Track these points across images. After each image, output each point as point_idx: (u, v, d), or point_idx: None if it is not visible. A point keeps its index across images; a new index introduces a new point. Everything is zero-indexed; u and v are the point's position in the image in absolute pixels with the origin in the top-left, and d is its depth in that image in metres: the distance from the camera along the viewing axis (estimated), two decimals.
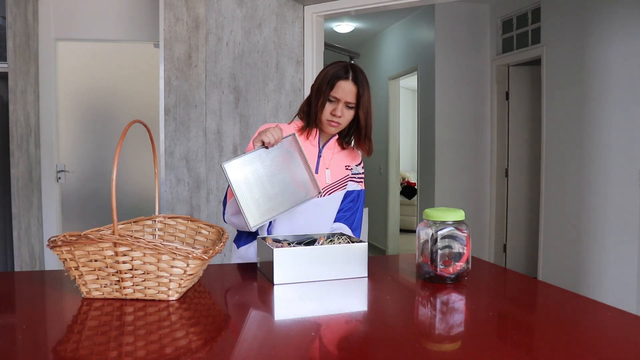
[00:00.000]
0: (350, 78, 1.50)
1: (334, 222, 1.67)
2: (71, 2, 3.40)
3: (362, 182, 1.72)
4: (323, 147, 1.62)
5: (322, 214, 1.62)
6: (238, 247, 1.66)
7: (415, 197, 6.15)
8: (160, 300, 1.09)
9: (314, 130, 1.59)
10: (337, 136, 1.63)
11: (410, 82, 6.90)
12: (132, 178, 3.50)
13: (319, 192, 1.47)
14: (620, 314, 1.01)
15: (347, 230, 1.65)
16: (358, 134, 1.59)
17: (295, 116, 1.65)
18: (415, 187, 5.62)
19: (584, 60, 3.58)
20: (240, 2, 3.11)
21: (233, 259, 1.66)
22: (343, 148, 1.65)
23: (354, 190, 1.69)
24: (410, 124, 7.99)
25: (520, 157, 4.64)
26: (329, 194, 1.61)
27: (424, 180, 5.03)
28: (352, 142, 1.66)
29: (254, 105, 3.12)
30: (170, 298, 1.09)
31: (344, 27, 5.74)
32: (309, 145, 1.61)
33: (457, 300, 1.14)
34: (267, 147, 1.42)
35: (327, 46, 3.54)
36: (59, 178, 3.44)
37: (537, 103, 4.33)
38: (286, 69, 3.12)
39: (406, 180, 7.76)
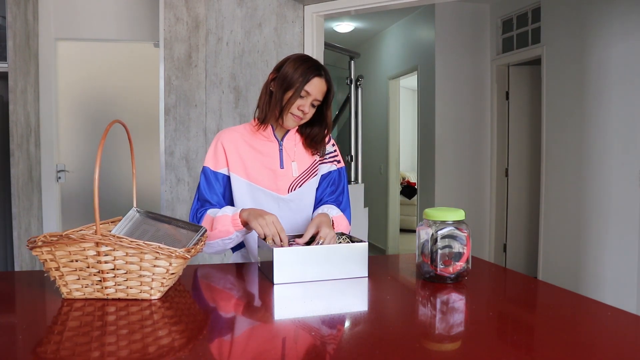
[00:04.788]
0: (324, 76, 1.48)
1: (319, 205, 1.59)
2: (71, 2, 3.40)
3: (335, 161, 1.63)
4: (282, 140, 1.55)
5: (294, 209, 1.54)
6: (233, 252, 1.65)
7: (415, 197, 6.15)
8: (142, 300, 1.09)
9: (267, 126, 1.52)
10: (296, 126, 1.55)
11: (410, 82, 6.90)
12: (130, 177, 3.50)
13: None
14: (620, 314, 1.01)
15: (335, 209, 1.55)
16: (323, 130, 1.55)
17: (256, 109, 1.55)
18: (415, 187, 5.62)
19: (584, 60, 3.58)
20: (240, 2, 3.11)
21: (232, 259, 1.66)
22: (310, 145, 1.57)
23: (330, 172, 1.61)
24: (410, 124, 7.99)
25: (520, 157, 4.64)
26: (299, 187, 1.54)
27: (424, 180, 5.02)
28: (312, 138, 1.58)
29: (254, 105, 3.11)
30: (153, 297, 1.09)
31: (344, 27, 5.74)
32: (266, 142, 1.54)
33: (457, 300, 1.14)
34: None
35: (327, 46, 3.53)
36: (59, 178, 3.44)
37: (537, 103, 4.33)
38: None
39: (406, 180, 7.76)
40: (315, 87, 1.46)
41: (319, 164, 1.60)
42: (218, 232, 1.42)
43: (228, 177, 1.53)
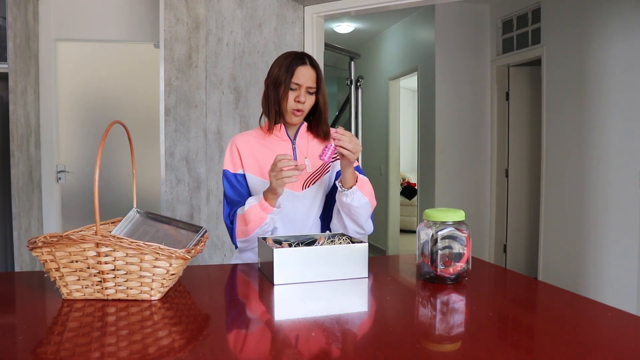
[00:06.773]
0: (308, 63, 1.51)
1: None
2: (71, 2, 3.40)
3: None
4: (295, 138, 1.58)
5: (307, 205, 1.57)
6: (236, 248, 1.66)
7: (415, 198, 6.15)
8: (142, 300, 1.09)
9: (279, 126, 1.56)
10: (305, 124, 1.60)
11: (410, 83, 6.89)
12: (130, 177, 3.50)
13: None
14: (620, 314, 1.01)
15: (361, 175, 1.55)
16: (318, 118, 1.58)
17: (261, 115, 1.61)
18: (415, 187, 5.62)
19: (584, 60, 3.58)
20: (240, 3, 3.11)
21: (233, 260, 1.66)
22: (316, 135, 1.61)
23: None
24: (410, 124, 7.99)
25: (520, 157, 4.64)
26: (312, 184, 1.57)
27: (424, 181, 5.02)
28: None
29: (254, 106, 3.12)
30: (153, 298, 1.09)
31: (344, 27, 5.74)
32: (280, 141, 1.57)
33: (457, 301, 1.14)
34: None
35: (327, 46, 3.53)
36: (59, 178, 3.44)
37: (537, 103, 4.33)
38: None
39: (406, 180, 7.76)
40: (303, 76, 1.50)
41: (332, 161, 1.62)
42: (253, 224, 1.45)
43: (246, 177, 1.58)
